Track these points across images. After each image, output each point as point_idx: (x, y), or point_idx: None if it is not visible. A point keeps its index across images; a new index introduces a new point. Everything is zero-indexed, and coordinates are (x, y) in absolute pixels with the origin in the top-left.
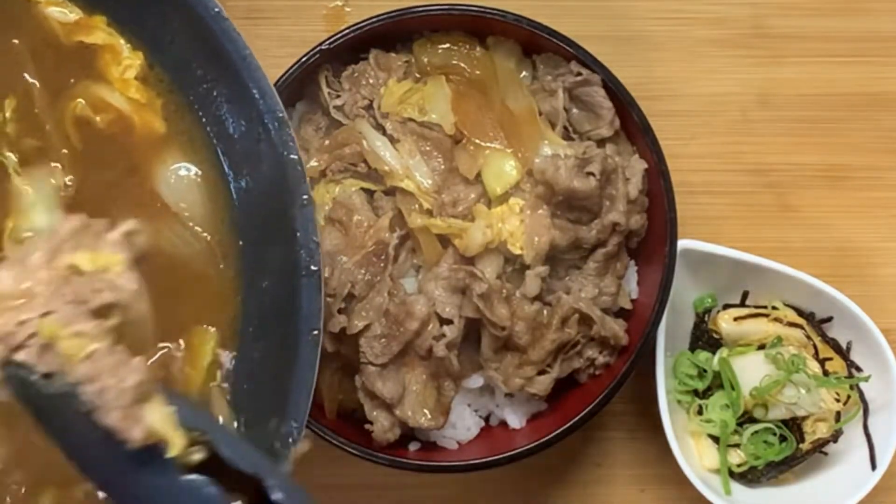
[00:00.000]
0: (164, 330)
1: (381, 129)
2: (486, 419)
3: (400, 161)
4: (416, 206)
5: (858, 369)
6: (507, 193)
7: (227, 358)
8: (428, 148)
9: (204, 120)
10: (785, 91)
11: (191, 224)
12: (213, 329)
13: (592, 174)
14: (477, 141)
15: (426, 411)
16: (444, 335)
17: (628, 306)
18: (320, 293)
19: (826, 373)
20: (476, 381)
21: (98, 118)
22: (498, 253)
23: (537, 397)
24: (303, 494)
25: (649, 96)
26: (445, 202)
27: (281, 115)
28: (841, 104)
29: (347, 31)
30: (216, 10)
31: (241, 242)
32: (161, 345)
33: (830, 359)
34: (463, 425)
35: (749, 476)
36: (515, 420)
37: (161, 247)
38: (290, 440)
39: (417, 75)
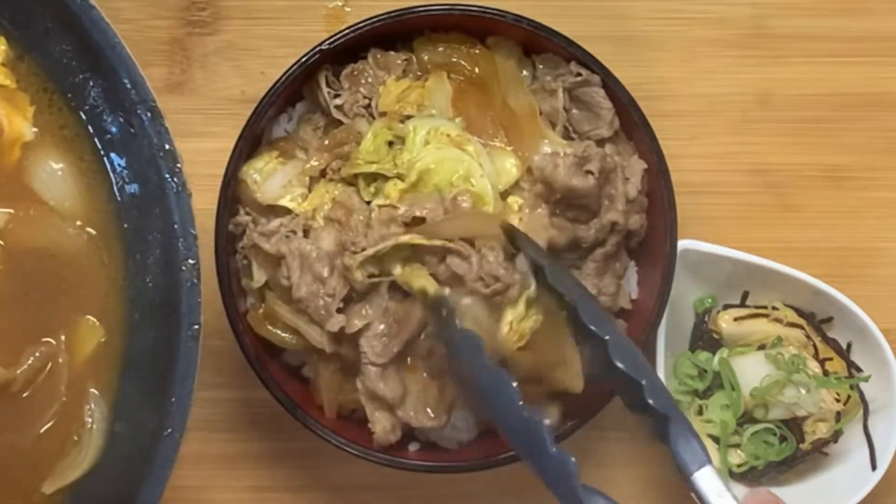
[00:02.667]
0: (47, 323)
1: None
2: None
3: None
4: None
5: (858, 369)
6: (507, 192)
7: (109, 350)
8: None
9: (81, 114)
10: (785, 91)
11: (71, 219)
12: (96, 321)
13: (591, 172)
14: (477, 138)
15: (429, 411)
16: None
17: (628, 306)
18: (198, 286)
19: (826, 373)
20: None
21: None
22: None
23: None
24: (671, 403)
25: (649, 96)
26: None
27: (153, 104)
28: (841, 104)
29: (347, 31)
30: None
31: (122, 233)
32: (44, 339)
33: (830, 359)
34: (463, 426)
35: (749, 476)
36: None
37: (43, 243)
38: (172, 443)
39: (418, 73)
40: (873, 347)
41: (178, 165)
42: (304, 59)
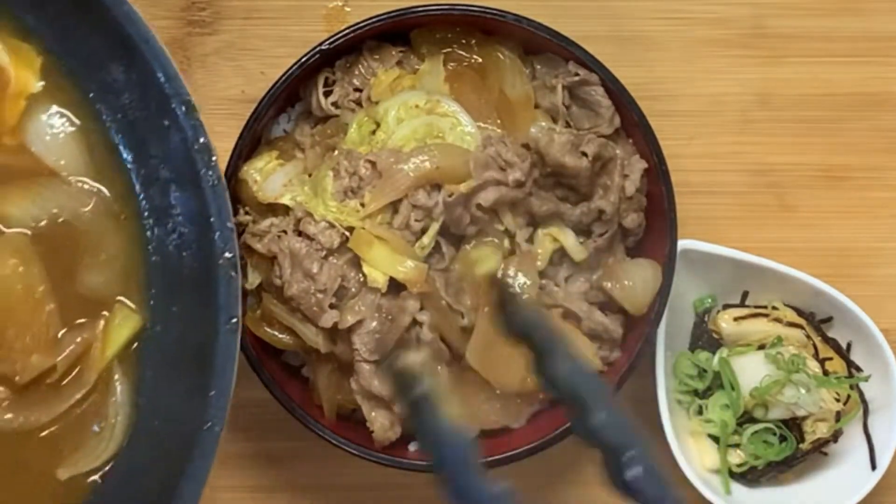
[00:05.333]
0: (85, 306)
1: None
2: None
3: None
4: None
5: (858, 369)
6: None
7: (143, 340)
8: None
9: (105, 116)
10: (785, 91)
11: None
12: (133, 307)
13: (585, 155)
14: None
15: None
16: (423, 321)
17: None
18: (237, 280)
19: (826, 373)
20: None
21: None
22: None
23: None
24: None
25: (649, 96)
26: None
27: (187, 98)
28: (841, 104)
29: (347, 31)
30: None
31: (156, 224)
32: (78, 321)
33: (830, 359)
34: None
35: (749, 476)
36: (515, 420)
37: (55, 214)
38: (212, 436)
39: (416, 67)
40: (873, 347)
41: (213, 158)
42: (304, 59)
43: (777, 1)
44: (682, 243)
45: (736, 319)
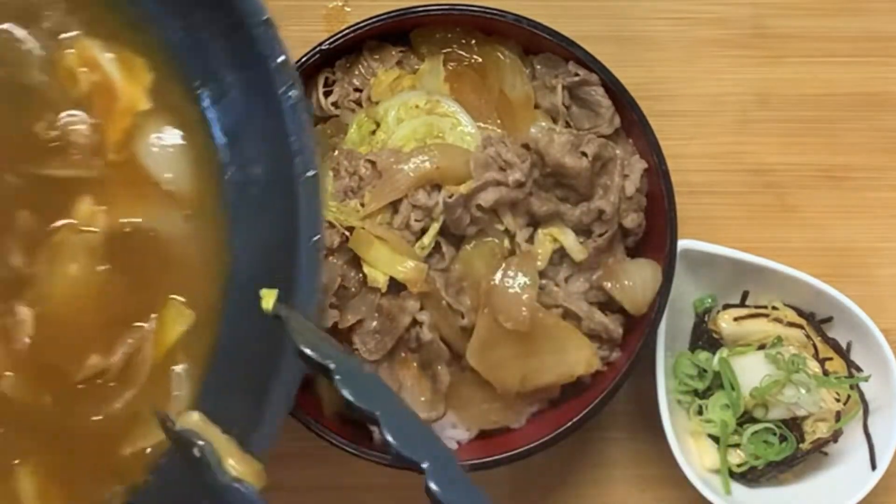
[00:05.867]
0: (141, 306)
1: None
2: None
3: None
4: None
5: (858, 369)
6: None
7: (199, 336)
8: None
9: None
10: (785, 91)
11: (180, 202)
12: (184, 301)
13: (585, 155)
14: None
15: (423, 401)
16: (423, 321)
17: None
18: (318, 197)
19: (826, 373)
20: None
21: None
22: None
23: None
24: (470, 489)
25: (649, 96)
26: None
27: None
28: (841, 104)
29: (347, 31)
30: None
31: (231, 218)
32: (135, 324)
33: (830, 359)
34: (463, 425)
35: (749, 476)
36: (515, 420)
37: (147, 224)
38: (260, 447)
39: (415, 67)
40: (873, 347)
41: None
42: (304, 59)
43: (777, 1)
44: (682, 243)
45: (736, 319)
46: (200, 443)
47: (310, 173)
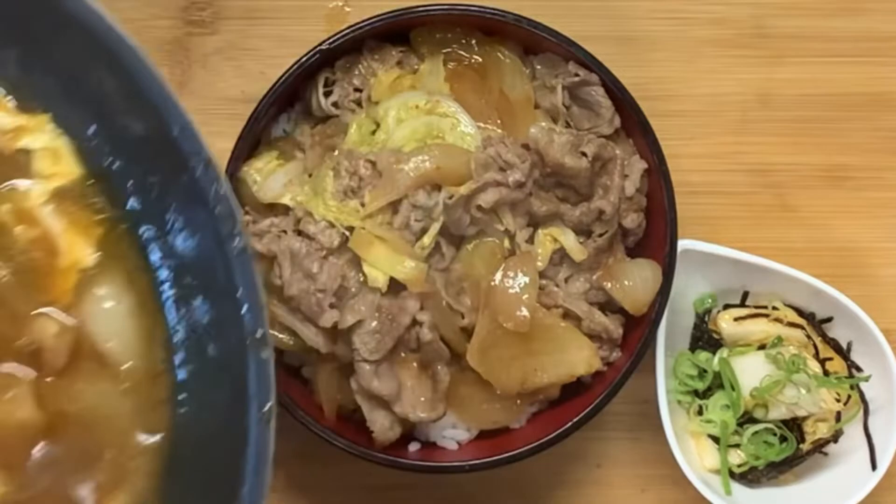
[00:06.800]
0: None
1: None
2: None
3: None
4: None
5: (858, 369)
6: None
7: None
8: None
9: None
10: (785, 91)
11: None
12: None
13: (585, 154)
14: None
15: (423, 401)
16: (423, 321)
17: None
18: (270, 366)
19: (826, 373)
20: None
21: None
22: None
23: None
24: None
25: (649, 96)
26: None
27: (208, 155)
28: (841, 104)
29: (347, 31)
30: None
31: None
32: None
33: (831, 359)
34: (463, 425)
35: (749, 476)
36: (515, 420)
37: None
38: None
39: (415, 67)
40: (873, 347)
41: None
42: (304, 59)
43: (777, 1)
44: (682, 243)
45: (736, 319)
46: None
47: (258, 334)
